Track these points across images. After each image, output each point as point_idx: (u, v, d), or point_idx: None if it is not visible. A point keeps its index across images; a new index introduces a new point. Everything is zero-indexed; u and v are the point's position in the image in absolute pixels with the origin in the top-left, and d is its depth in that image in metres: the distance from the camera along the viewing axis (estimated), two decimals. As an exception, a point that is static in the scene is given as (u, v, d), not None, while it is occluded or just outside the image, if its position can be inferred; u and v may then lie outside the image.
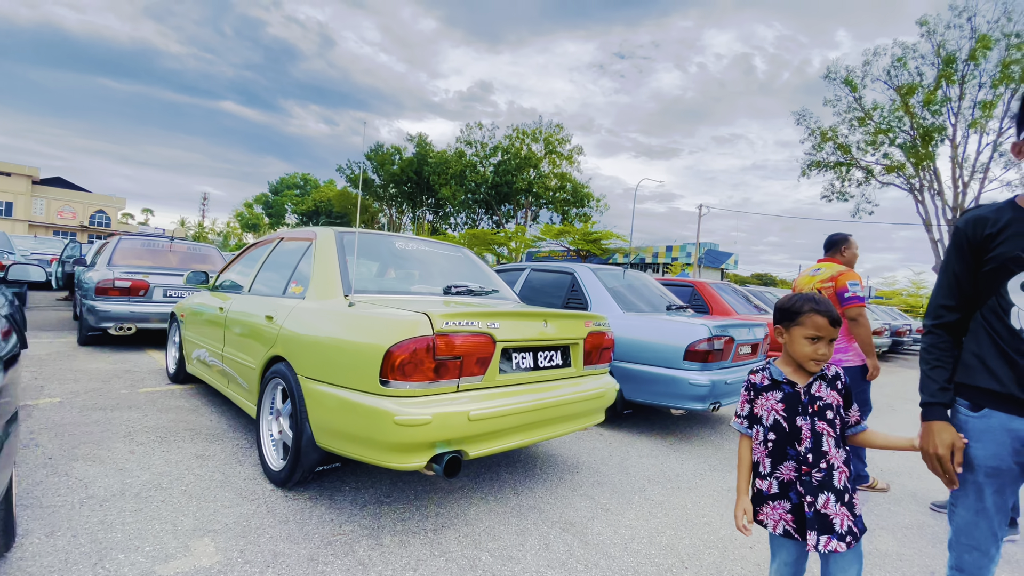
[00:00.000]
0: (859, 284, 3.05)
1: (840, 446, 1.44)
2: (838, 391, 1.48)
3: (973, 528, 1.35)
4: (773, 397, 1.49)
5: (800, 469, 1.43)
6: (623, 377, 3.99)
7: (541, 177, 41.98)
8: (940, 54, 22.94)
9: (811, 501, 1.39)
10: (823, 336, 1.42)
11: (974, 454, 1.33)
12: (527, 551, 2.15)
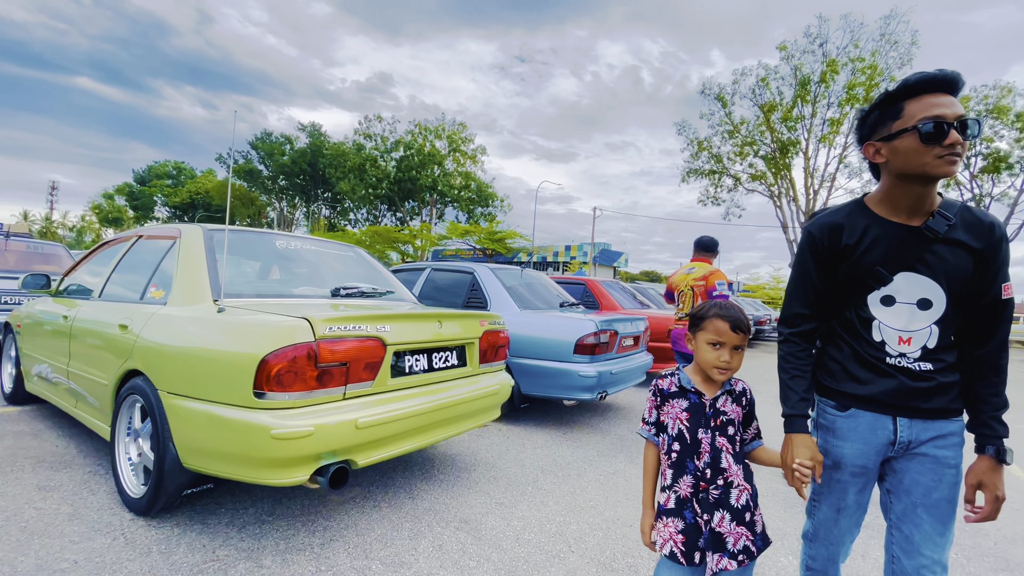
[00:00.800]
0: (725, 282, 3.46)
1: (740, 462, 1.39)
2: (742, 407, 1.44)
3: (832, 525, 1.36)
4: (679, 405, 1.41)
5: (698, 485, 1.35)
6: (520, 372, 4.11)
7: (446, 175, 41.66)
8: (797, 76, 26.37)
9: (707, 519, 1.32)
10: (725, 342, 1.36)
11: (842, 453, 1.32)
12: (419, 554, 2.14)
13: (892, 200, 1.26)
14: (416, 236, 33.32)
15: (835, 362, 1.34)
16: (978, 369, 1.26)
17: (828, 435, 1.36)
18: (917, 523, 1.26)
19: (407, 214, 43.88)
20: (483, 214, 44.60)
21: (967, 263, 1.22)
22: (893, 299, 1.25)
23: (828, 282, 1.34)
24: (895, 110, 1.21)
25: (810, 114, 26.43)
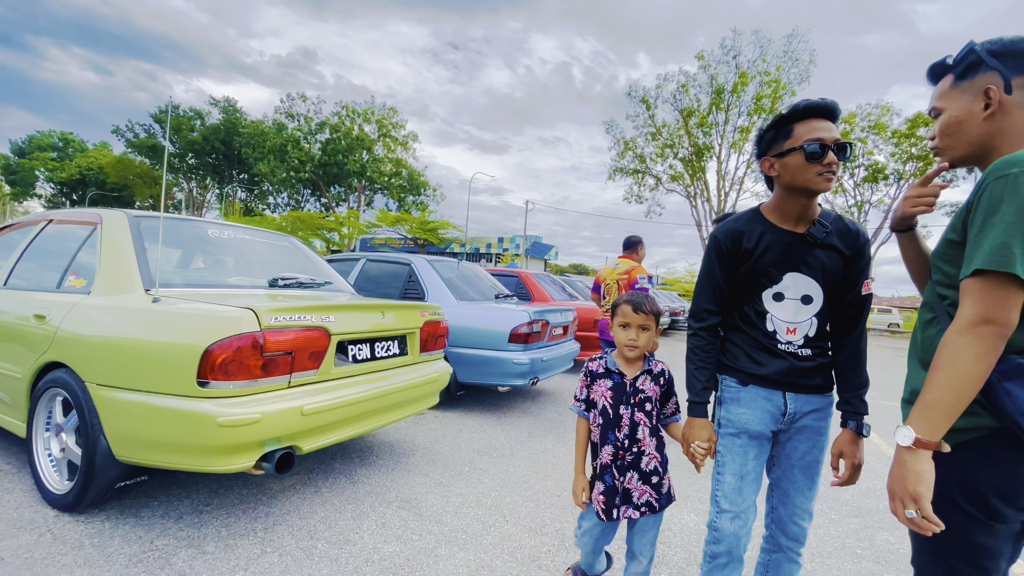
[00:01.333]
0: (646, 277, 3.84)
1: (655, 435, 1.63)
2: (660, 386, 1.65)
3: (737, 494, 1.47)
4: (604, 384, 1.64)
5: (617, 454, 1.60)
6: (457, 361, 4.27)
7: (375, 161, 40.32)
8: (712, 85, 28.28)
9: (621, 480, 1.60)
10: (631, 323, 1.60)
11: (745, 420, 1.47)
12: (364, 532, 2.26)
13: (782, 210, 1.46)
14: (343, 223, 32.13)
15: (737, 347, 1.52)
16: (844, 354, 1.49)
17: (733, 405, 1.50)
18: (792, 480, 1.51)
19: (333, 200, 42.09)
20: (415, 203, 43.78)
21: (839, 265, 1.45)
22: (783, 295, 1.45)
23: (730, 281, 1.50)
24: (787, 131, 1.40)
25: (723, 121, 28.54)
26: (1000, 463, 0.97)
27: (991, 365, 0.92)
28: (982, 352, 0.91)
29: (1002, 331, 0.91)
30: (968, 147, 1.12)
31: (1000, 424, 0.95)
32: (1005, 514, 0.97)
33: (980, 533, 0.99)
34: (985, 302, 0.93)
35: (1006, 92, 1.04)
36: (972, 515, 0.99)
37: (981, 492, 0.98)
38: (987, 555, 1.00)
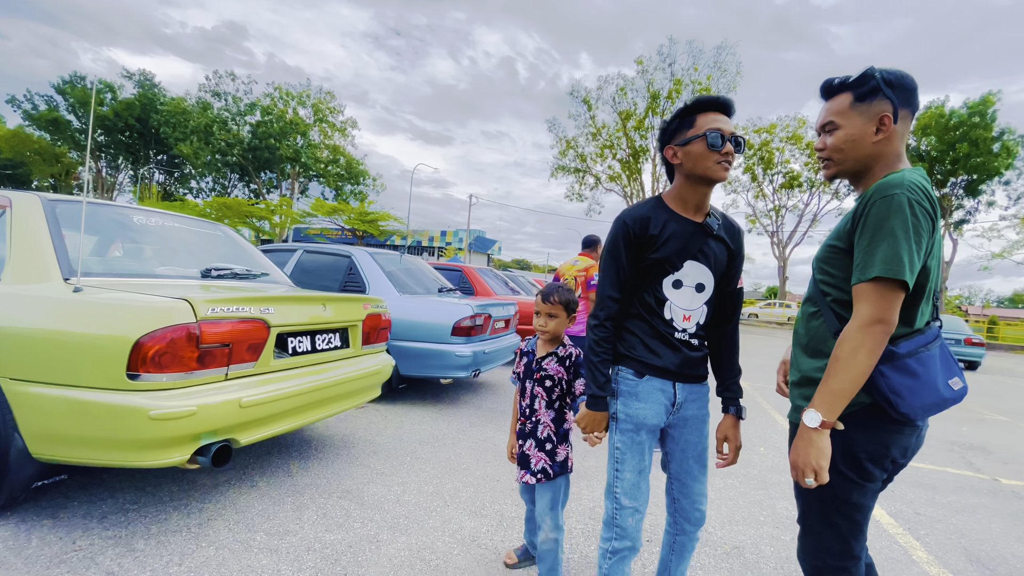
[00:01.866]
0: None
1: (551, 408, 1.87)
2: (566, 368, 1.87)
3: (636, 489, 1.50)
4: (524, 361, 1.96)
5: (521, 420, 1.93)
6: (399, 354, 4.29)
7: (311, 147, 38.56)
8: (649, 90, 29.42)
9: (522, 444, 1.89)
10: (540, 311, 1.87)
11: (643, 415, 1.48)
12: (304, 523, 2.28)
13: (683, 198, 1.50)
14: (275, 212, 30.55)
15: (635, 336, 1.51)
16: (723, 344, 1.61)
17: (631, 399, 1.50)
18: (690, 471, 1.59)
19: (263, 186, 39.87)
20: (353, 192, 42.34)
21: (726, 257, 1.54)
22: (681, 283, 1.49)
23: (635, 268, 1.49)
24: (690, 121, 1.46)
25: (658, 125, 29.84)
26: (871, 432, 1.17)
27: (877, 357, 1.10)
28: (875, 347, 1.08)
29: (889, 329, 1.09)
30: (854, 164, 1.27)
31: (872, 400, 1.15)
32: (873, 474, 1.18)
33: (855, 492, 1.19)
34: (879, 305, 1.09)
35: (893, 121, 1.20)
36: (849, 477, 1.19)
37: (857, 457, 1.17)
38: (859, 510, 1.21)
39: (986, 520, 3.00)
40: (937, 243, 1.16)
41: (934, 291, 1.20)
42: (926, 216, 1.09)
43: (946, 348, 1.18)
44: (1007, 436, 5.41)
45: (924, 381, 1.11)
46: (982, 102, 27.37)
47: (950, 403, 1.16)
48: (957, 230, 30.24)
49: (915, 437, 1.21)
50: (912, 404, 1.11)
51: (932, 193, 1.13)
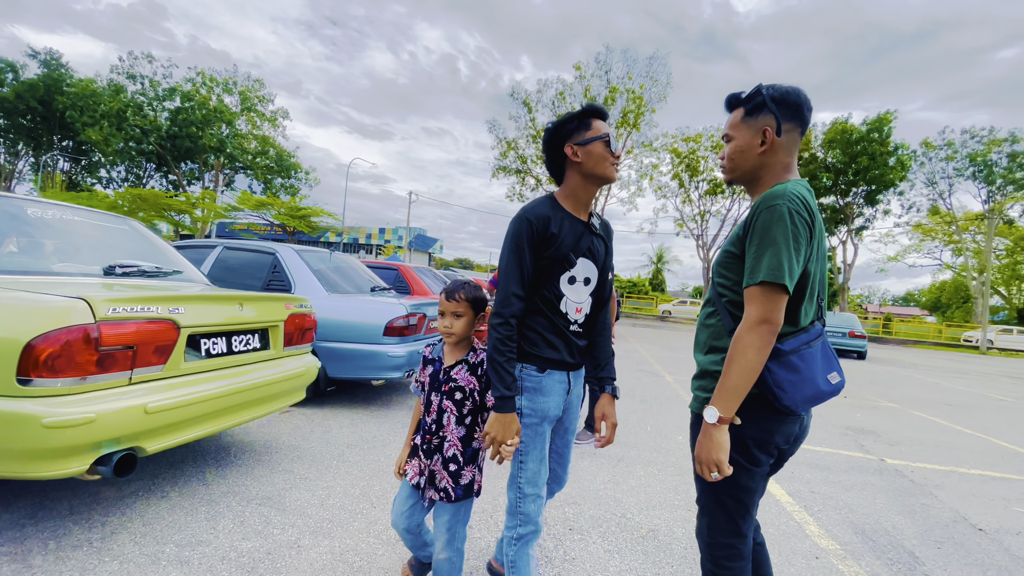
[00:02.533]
0: None
1: (461, 424, 1.62)
2: (478, 377, 1.63)
3: (538, 477, 1.57)
4: (428, 370, 1.71)
5: (425, 436, 1.65)
6: (327, 356, 4.17)
7: (237, 136, 36.32)
8: (587, 95, 30.21)
9: (428, 464, 1.65)
10: (444, 311, 1.63)
11: (548, 407, 1.57)
12: (219, 532, 2.18)
13: (576, 198, 1.59)
14: (196, 205, 28.54)
15: (536, 332, 1.57)
16: (598, 328, 1.73)
17: (536, 395, 1.56)
18: (568, 443, 1.77)
19: (184, 178, 37.12)
20: (284, 186, 40.35)
21: (603, 251, 1.66)
22: (575, 279, 1.58)
23: (536, 266, 1.54)
24: (587, 123, 1.56)
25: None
26: (758, 421, 1.28)
27: (766, 355, 1.21)
28: (762, 346, 1.19)
29: (775, 328, 1.20)
30: (744, 173, 1.39)
31: (759, 391, 1.26)
32: (760, 459, 1.30)
33: (743, 476, 1.31)
34: (765, 307, 1.19)
35: (777, 134, 1.31)
36: (739, 462, 1.30)
37: (745, 443, 1.29)
38: (747, 492, 1.33)
39: (871, 496, 3.38)
40: (817, 248, 1.28)
41: (817, 292, 1.33)
42: (804, 225, 1.20)
43: (827, 345, 1.31)
44: (894, 421, 6.08)
45: (805, 376, 1.23)
46: (879, 120, 30.47)
47: (828, 396, 1.27)
48: (858, 235, 33.46)
49: (798, 426, 1.34)
50: (793, 397, 1.23)
51: (812, 203, 1.24)
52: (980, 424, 6.31)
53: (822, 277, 1.33)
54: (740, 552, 1.35)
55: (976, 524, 3.04)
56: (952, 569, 2.45)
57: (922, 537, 2.78)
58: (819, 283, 1.32)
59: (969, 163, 30.10)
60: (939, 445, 5.00)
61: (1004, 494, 3.66)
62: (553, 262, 1.54)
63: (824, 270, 1.34)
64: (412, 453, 1.74)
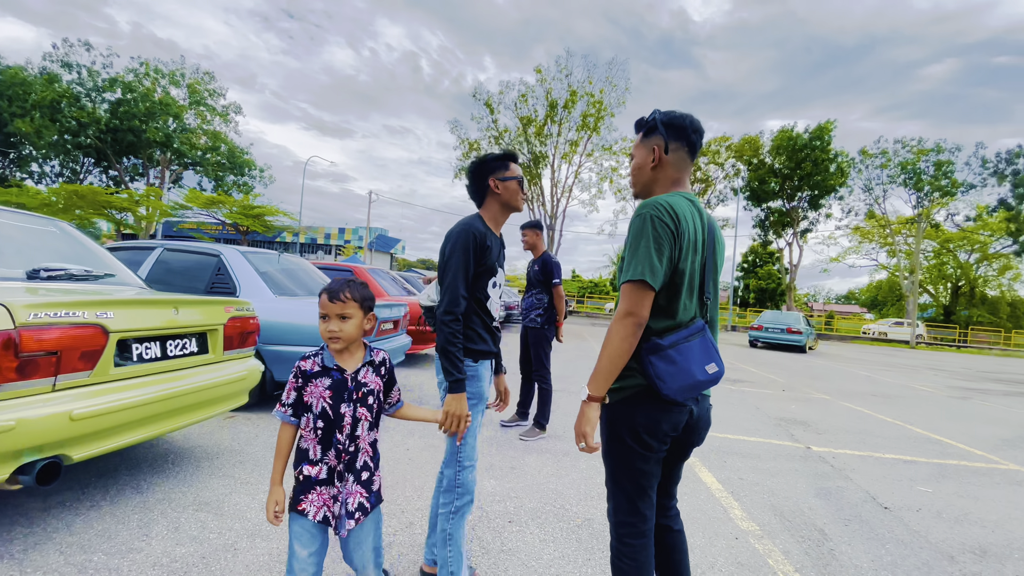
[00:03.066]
0: None
1: (374, 428, 1.55)
2: (382, 376, 1.56)
3: (473, 451, 1.86)
4: (322, 384, 1.46)
5: (340, 456, 1.45)
6: (275, 359, 4.12)
7: (185, 131, 34.75)
8: (548, 99, 30.54)
9: (341, 487, 1.45)
10: (328, 313, 1.45)
11: (483, 390, 1.90)
12: (153, 538, 2.16)
13: (496, 220, 1.98)
14: (140, 202, 27.14)
15: (471, 330, 1.86)
16: None
17: (475, 380, 1.87)
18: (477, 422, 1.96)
19: (126, 173, 35.21)
20: (237, 184, 38.91)
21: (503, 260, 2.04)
22: (496, 284, 1.94)
23: (475, 272, 1.83)
24: (506, 165, 1.94)
25: (556, 133, 31.18)
26: (646, 409, 1.42)
27: (633, 344, 1.36)
28: (626, 335, 1.35)
29: (639, 320, 1.35)
30: (641, 187, 1.57)
31: (646, 383, 1.41)
32: (651, 445, 1.43)
33: (638, 460, 1.45)
34: (629, 301, 1.35)
35: (665, 152, 1.49)
36: (632, 447, 1.44)
37: (636, 430, 1.43)
38: (642, 475, 1.47)
39: (793, 481, 3.64)
40: (691, 249, 1.40)
41: (700, 289, 1.47)
42: (665, 228, 1.35)
43: (708, 339, 1.44)
44: (824, 411, 6.52)
45: (682, 367, 1.38)
46: (820, 128, 32.26)
47: (705, 385, 1.41)
48: (803, 238, 35.33)
49: (686, 415, 1.45)
50: (671, 386, 1.37)
51: (676, 210, 1.39)
52: (900, 413, 6.85)
53: (704, 276, 1.47)
54: (640, 530, 1.48)
55: (883, 503, 3.33)
56: (855, 543, 2.69)
57: (833, 516, 3.04)
58: (700, 281, 1.47)
59: (901, 171, 32.31)
60: (861, 433, 5.41)
61: (912, 475, 4.02)
62: (485, 270, 1.87)
63: (711, 269, 1.48)
64: (304, 488, 1.45)
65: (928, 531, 2.93)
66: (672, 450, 1.54)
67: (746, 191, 35.09)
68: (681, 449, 1.56)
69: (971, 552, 2.69)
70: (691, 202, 1.46)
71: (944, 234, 35.42)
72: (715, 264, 1.52)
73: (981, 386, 11.28)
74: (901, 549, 2.67)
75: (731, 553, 2.47)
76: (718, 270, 1.55)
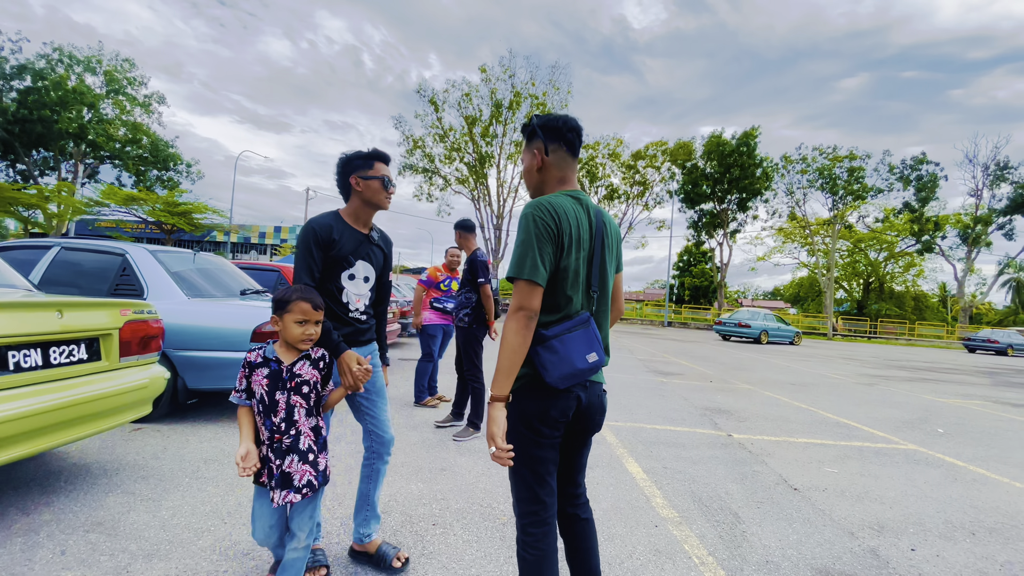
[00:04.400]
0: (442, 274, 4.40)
1: (313, 415, 1.79)
2: (320, 370, 1.80)
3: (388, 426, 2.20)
4: (261, 373, 1.71)
5: (273, 438, 1.69)
6: (187, 365, 3.85)
7: (102, 122, 32.03)
8: (493, 99, 30.57)
9: (278, 464, 1.68)
10: (308, 319, 1.72)
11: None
12: (36, 563, 1.95)
13: (356, 216, 2.06)
14: (51, 198, 24.77)
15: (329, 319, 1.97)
16: (379, 319, 2.26)
17: None
18: (378, 404, 2.19)
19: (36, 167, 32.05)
20: (160, 179, 36.30)
21: (381, 258, 2.16)
22: (355, 276, 2.04)
23: (322, 262, 1.96)
24: (370, 164, 2.01)
25: (501, 133, 31.30)
26: (535, 396, 1.46)
27: (527, 336, 1.38)
28: (519, 328, 1.37)
29: (529, 314, 1.38)
30: (532, 189, 1.64)
31: (535, 372, 1.44)
32: (542, 431, 1.46)
33: (532, 447, 1.47)
34: (518, 296, 1.39)
35: (545, 154, 1.56)
36: (525, 434, 1.46)
37: (528, 419, 1.45)
38: (538, 462, 1.48)
39: (713, 468, 3.82)
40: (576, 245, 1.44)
41: (587, 283, 1.50)
42: (545, 226, 1.40)
43: (592, 331, 1.46)
44: (747, 400, 6.92)
45: (563, 356, 1.41)
46: (745, 135, 34.30)
47: (586, 373, 1.44)
48: (732, 238, 37.43)
49: (573, 401, 1.48)
50: (553, 374, 1.41)
51: (558, 209, 1.43)
52: (814, 400, 7.39)
53: (591, 270, 1.50)
54: (542, 518, 1.49)
55: (793, 485, 3.57)
56: (766, 524, 2.86)
57: (747, 499, 3.22)
58: (587, 275, 1.50)
59: (819, 176, 34.91)
60: (778, 419, 5.78)
61: (820, 457, 4.33)
62: (334, 261, 1.98)
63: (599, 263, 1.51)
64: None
65: (832, 509, 3.16)
66: (569, 437, 1.58)
67: (681, 194, 36.73)
68: (578, 436, 1.60)
69: (870, 528, 2.93)
70: (576, 200, 1.51)
71: (856, 234, 38.65)
72: (604, 259, 1.55)
73: (887, 373, 12.38)
74: (807, 527, 2.86)
75: (650, 541, 2.56)
76: (608, 264, 1.57)
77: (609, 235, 1.58)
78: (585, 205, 1.53)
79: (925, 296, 46.67)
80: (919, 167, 37.98)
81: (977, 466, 4.41)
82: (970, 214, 38.46)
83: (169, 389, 3.82)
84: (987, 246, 38.47)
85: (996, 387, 10.99)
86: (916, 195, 38.74)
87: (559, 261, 1.42)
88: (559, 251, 1.42)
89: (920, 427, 5.94)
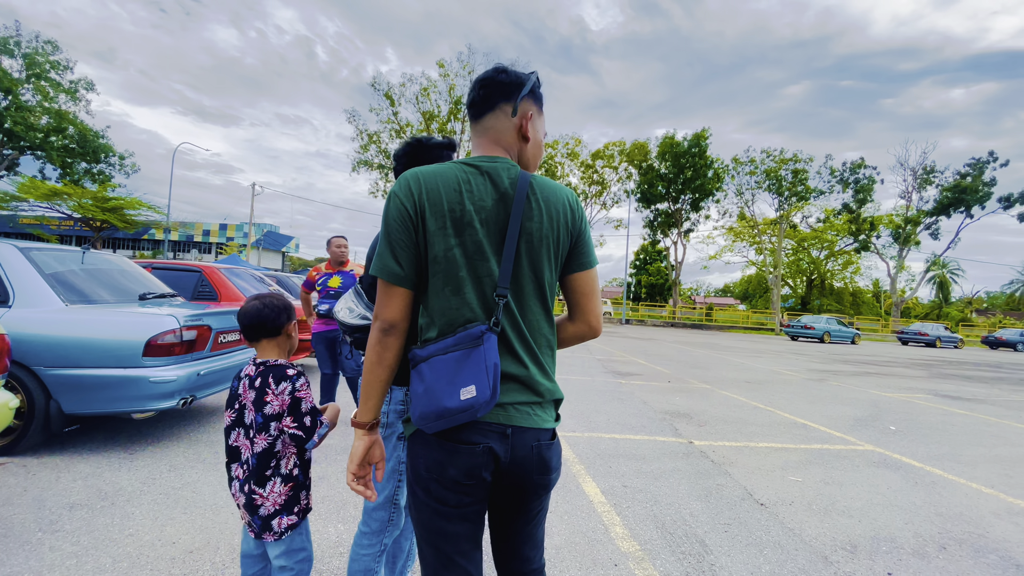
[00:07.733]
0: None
1: None
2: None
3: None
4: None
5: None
6: (63, 386, 3.20)
7: (21, 109, 29.28)
8: (451, 95, 29.94)
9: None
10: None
11: None
12: None
13: None
14: (-46, 192, 22.28)
15: None
16: None
17: None
18: None
19: (-63, 157, 28.90)
20: (90, 172, 33.55)
21: None
22: None
23: None
24: None
25: (460, 130, 30.72)
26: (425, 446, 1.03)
27: (381, 354, 1.02)
28: (374, 342, 1.04)
29: (383, 325, 1.02)
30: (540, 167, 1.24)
31: None
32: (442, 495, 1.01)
33: (432, 516, 1.02)
34: (378, 301, 1.04)
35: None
36: (420, 498, 1.04)
37: (418, 474, 1.03)
38: (441, 537, 1.02)
39: (676, 483, 3.53)
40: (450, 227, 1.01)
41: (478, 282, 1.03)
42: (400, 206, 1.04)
43: (477, 354, 0.97)
44: (705, 401, 6.76)
45: (428, 388, 0.98)
46: (696, 136, 35.23)
47: (457, 414, 0.96)
48: (686, 237, 38.38)
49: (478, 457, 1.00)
50: (413, 413, 1.02)
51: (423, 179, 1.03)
52: (770, 399, 7.33)
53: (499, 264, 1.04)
54: None
55: (759, 499, 3.32)
56: (735, 552, 2.56)
57: (713, 521, 2.92)
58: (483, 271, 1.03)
59: (766, 177, 36.25)
60: (737, 422, 5.61)
61: (783, 464, 4.13)
62: None
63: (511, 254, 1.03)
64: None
65: (802, 528, 2.91)
66: (499, 506, 1.11)
67: (637, 193, 37.26)
68: (512, 504, 1.10)
69: (843, 549, 2.68)
70: (475, 168, 1.06)
71: (800, 234, 40.46)
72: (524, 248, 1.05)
73: (833, 367, 12.74)
74: (778, 553, 2.58)
75: (609, 585, 2.20)
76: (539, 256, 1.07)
77: (543, 216, 1.07)
78: (489, 173, 1.06)
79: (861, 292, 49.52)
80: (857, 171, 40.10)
81: (933, 466, 4.35)
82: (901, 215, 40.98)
83: (40, 416, 3.17)
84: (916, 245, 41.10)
85: (933, 379, 11.46)
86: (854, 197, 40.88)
87: (427, 250, 1.02)
88: (421, 236, 1.02)
89: (873, 424, 5.93)
